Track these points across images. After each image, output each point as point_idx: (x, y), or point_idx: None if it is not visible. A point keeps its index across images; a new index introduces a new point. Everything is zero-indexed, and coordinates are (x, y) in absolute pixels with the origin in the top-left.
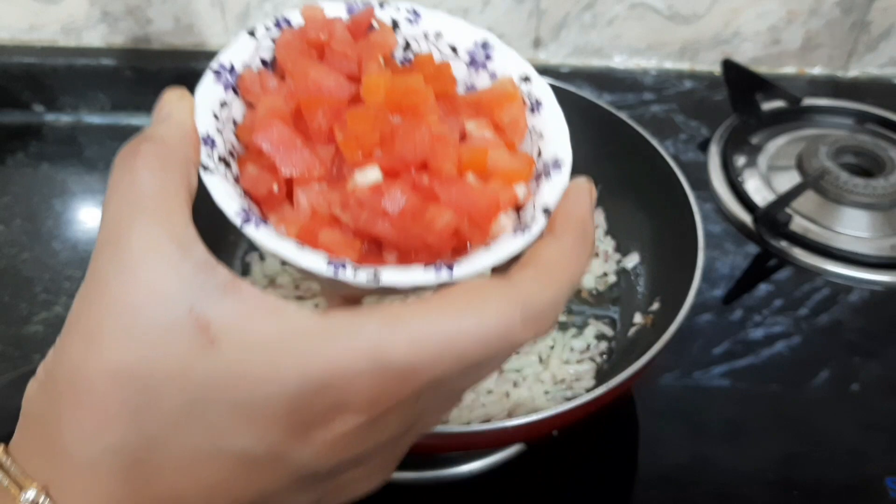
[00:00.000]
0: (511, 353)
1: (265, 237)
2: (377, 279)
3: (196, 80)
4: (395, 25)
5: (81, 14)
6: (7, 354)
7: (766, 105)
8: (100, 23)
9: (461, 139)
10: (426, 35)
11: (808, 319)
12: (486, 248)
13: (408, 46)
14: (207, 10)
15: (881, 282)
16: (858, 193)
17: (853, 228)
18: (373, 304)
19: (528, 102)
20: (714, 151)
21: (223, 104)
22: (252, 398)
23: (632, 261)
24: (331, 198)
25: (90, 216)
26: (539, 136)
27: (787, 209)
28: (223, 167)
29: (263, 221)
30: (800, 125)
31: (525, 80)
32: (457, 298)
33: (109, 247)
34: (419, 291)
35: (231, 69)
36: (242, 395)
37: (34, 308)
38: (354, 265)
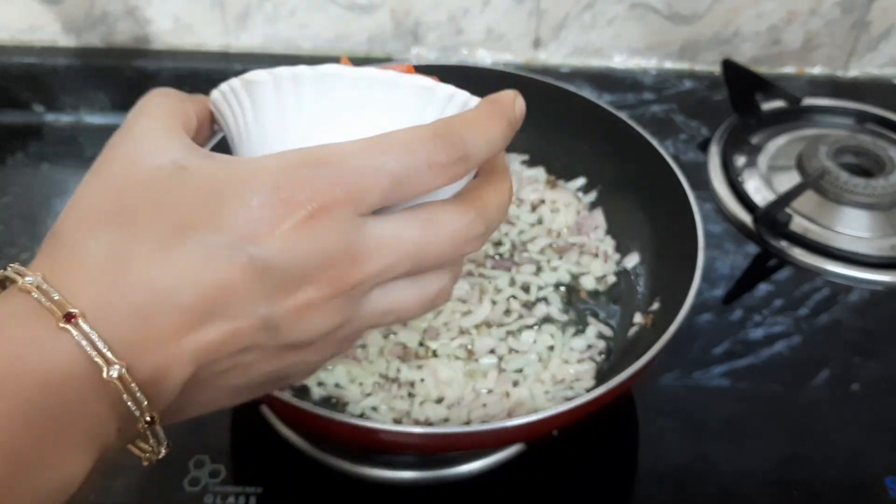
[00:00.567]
0: (427, 184)
1: None
2: None
3: (196, 80)
4: None
5: (81, 14)
6: None
7: (766, 105)
8: (100, 23)
9: None
10: None
11: (809, 319)
12: None
13: None
14: (207, 11)
15: (881, 282)
16: (858, 193)
17: (853, 228)
18: None
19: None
20: (714, 151)
21: None
22: (215, 204)
23: (632, 261)
24: None
25: None
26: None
27: (787, 209)
28: None
29: None
30: (800, 125)
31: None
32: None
33: (120, 130)
34: None
35: None
36: (208, 203)
37: None
38: None
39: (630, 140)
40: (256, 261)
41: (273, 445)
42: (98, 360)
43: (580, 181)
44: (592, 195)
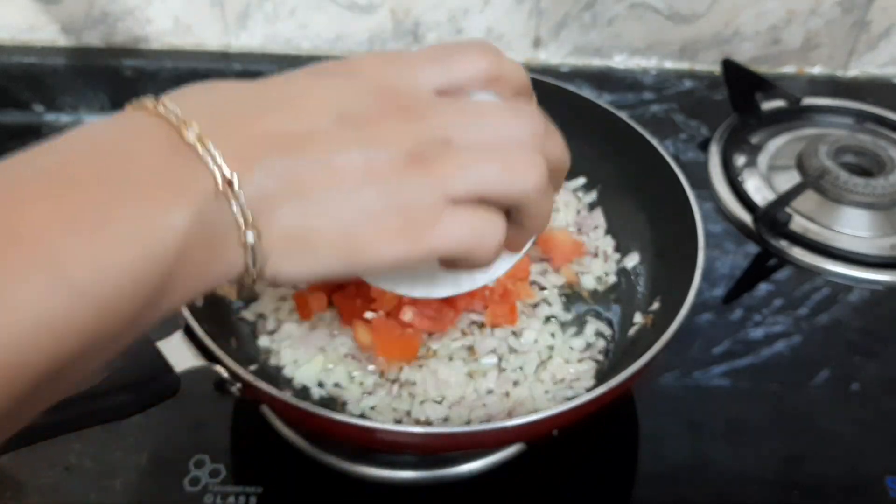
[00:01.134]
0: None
1: None
2: None
3: (196, 80)
4: None
5: (81, 14)
6: None
7: (766, 105)
8: (99, 23)
9: None
10: None
11: (808, 319)
12: None
13: None
14: (207, 10)
15: (881, 281)
16: (858, 193)
17: (853, 228)
18: None
19: None
20: (714, 151)
21: None
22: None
23: (632, 260)
24: None
25: None
26: None
27: (787, 209)
28: None
29: None
30: (800, 125)
31: None
32: None
33: None
34: None
35: None
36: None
37: None
38: None
39: (630, 140)
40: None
41: (273, 445)
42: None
43: (580, 181)
44: (592, 195)
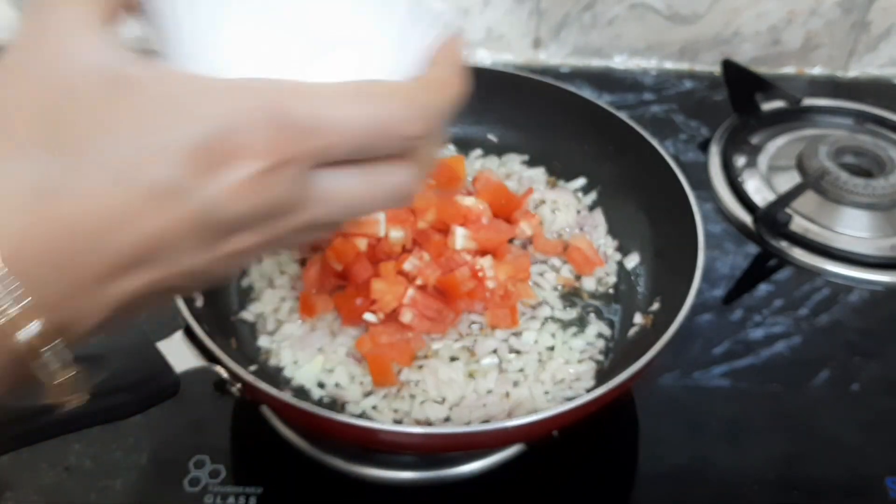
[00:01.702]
0: (396, 140)
1: None
2: None
3: None
4: None
5: None
6: None
7: (766, 105)
8: None
9: None
10: None
11: (808, 319)
12: None
13: None
14: None
15: (881, 282)
16: (858, 193)
17: (853, 228)
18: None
19: None
20: (714, 151)
21: None
22: (159, 136)
23: (632, 261)
24: None
25: None
26: None
27: (787, 209)
28: None
29: None
30: (800, 125)
31: None
32: (355, 87)
33: (29, 20)
34: None
35: None
36: (150, 133)
37: None
38: None
39: (630, 140)
40: (202, 212)
41: (273, 446)
42: (12, 311)
43: (580, 181)
44: (592, 195)
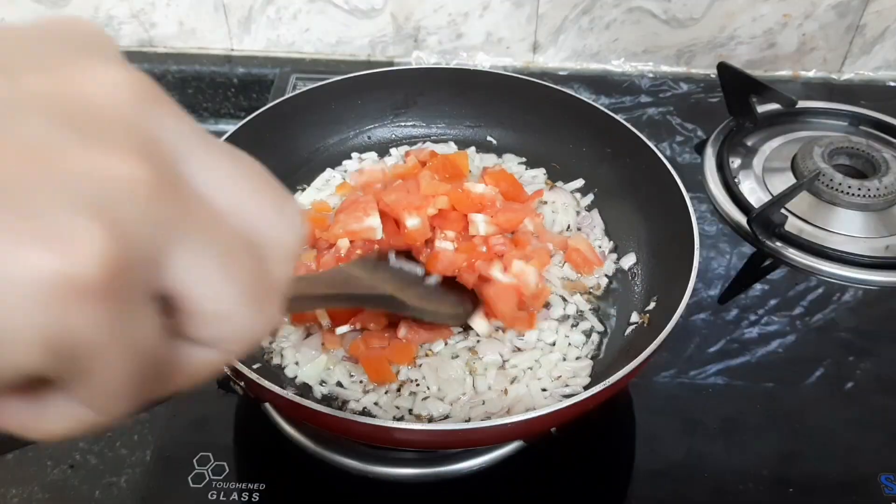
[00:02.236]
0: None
1: None
2: None
3: (200, 83)
4: None
5: (87, 17)
6: None
7: (762, 108)
8: (105, 26)
9: None
10: None
11: (803, 318)
12: None
13: None
14: (211, 15)
15: (875, 281)
16: (852, 195)
17: (847, 229)
18: None
19: None
20: (710, 153)
21: None
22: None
23: (629, 261)
24: None
25: None
26: None
27: (782, 210)
28: None
29: None
30: (794, 127)
31: None
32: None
33: None
34: None
35: None
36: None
37: None
38: None
39: (627, 142)
40: None
41: (276, 443)
42: None
43: (578, 182)
44: (590, 196)
